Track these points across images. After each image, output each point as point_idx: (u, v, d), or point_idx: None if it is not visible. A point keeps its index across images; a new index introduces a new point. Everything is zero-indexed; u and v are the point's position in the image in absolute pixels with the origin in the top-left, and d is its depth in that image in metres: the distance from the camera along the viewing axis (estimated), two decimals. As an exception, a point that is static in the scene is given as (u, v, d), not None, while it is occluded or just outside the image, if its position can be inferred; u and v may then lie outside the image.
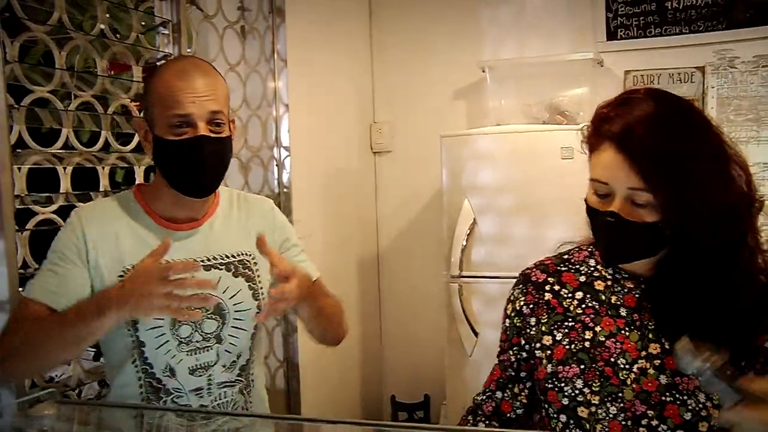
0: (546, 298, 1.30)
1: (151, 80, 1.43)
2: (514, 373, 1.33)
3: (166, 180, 1.44)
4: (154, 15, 2.28)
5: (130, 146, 2.20)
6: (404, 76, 3.48)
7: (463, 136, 2.94)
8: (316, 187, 3.04)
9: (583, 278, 1.29)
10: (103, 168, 2.09)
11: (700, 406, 1.12)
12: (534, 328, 1.29)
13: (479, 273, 2.85)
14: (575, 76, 3.00)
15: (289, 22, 2.76)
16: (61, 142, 1.95)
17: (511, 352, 1.33)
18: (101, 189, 2.09)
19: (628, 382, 1.17)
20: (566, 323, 1.26)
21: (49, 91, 1.91)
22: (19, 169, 1.82)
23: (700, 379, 1.02)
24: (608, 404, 1.17)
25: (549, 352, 1.25)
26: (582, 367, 1.20)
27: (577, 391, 1.20)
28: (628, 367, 1.18)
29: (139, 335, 1.39)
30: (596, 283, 1.27)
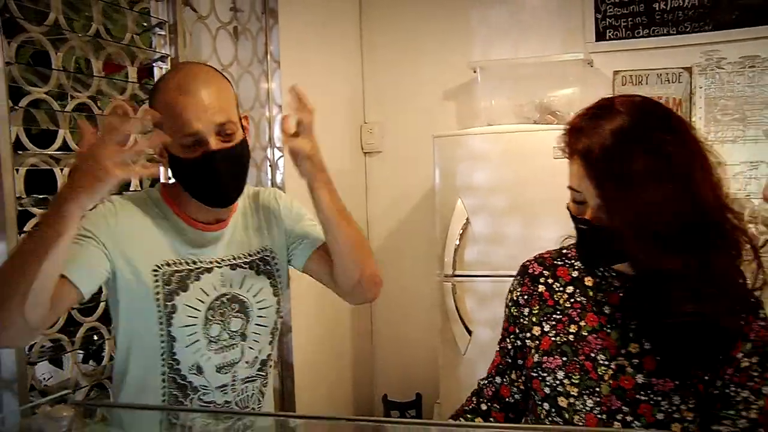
0: (539, 290, 1.35)
1: (155, 97, 1.40)
2: (511, 360, 1.38)
3: (188, 193, 1.43)
4: (150, 16, 2.27)
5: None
6: (394, 76, 3.49)
7: (456, 137, 2.96)
8: (309, 188, 3.04)
9: (576, 273, 1.33)
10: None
11: (674, 408, 1.15)
12: (527, 318, 1.34)
13: (473, 272, 2.87)
14: (565, 77, 3.03)
15: (282, 24, 2.76)
16: (58, 143, 1.94)
17: (509, 340, 1.39)
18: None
19: (606, 377, 1.20)
20: (555, 316, 1.30)
21: (45, 93, 1.90)
22: (17, 170, 1.80)
23: None
24: (585, 397, 1.21)
25: (537, 342, 1.30)
26: (564, 359, 1.25)
27: (558, 382, 1.24)
28: (606, 363, 1.21)
29: (172, 331, 1.39)
30: (586, 279, 1.31)
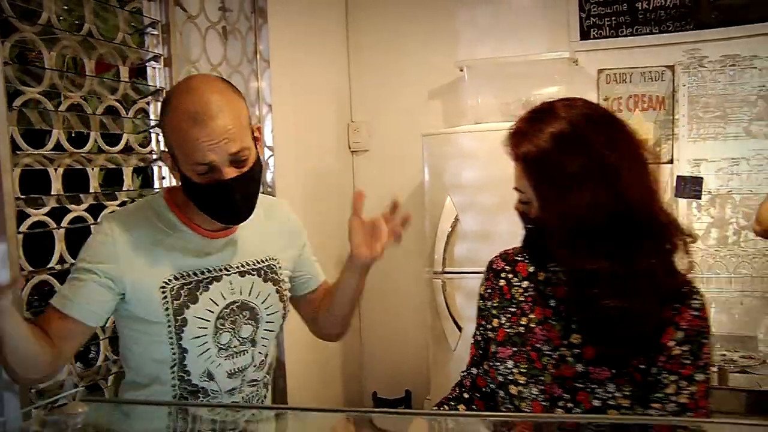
0: (500, 285, 1.42)
1: (166, 119, 1.37)
2: (482, 352, 1.45)
3: (202, 212, 1.41)
4: (143, 15, 2.27)
5: (118, 147, 2.19)
6: (381, 76, 3.50)
7: (444, 135, 2.99)
8: (299, 187, 3.05)
9: (532, 269, 1.40)
10: (93, 169, 2.08)
11: (609, 395, 1.22)
12: (489, 311, 1.42)
13: (462, 269, 2.89)
14: (551, 75, 3.05)
15: (272, 23, 2.76)
16: (52, 143, 1.94)
17: (479, 333, 1.46)
18: (91, 190, 2.08)
19: (549, 367, 1.28)
20: (510, 309, 1.38)
21: (38, 93, 1.90)
22: (12, 171, 1.79)
23: None
24: (532, 385, 1.29)
25: (495, 333, 1.39)
26: (514, 350, 1.33)
27: (508, 371, 1.33)
28: (550, 353, 1.29)
29: (183, 344, 1.41)
30: (540, 274, 1.38)
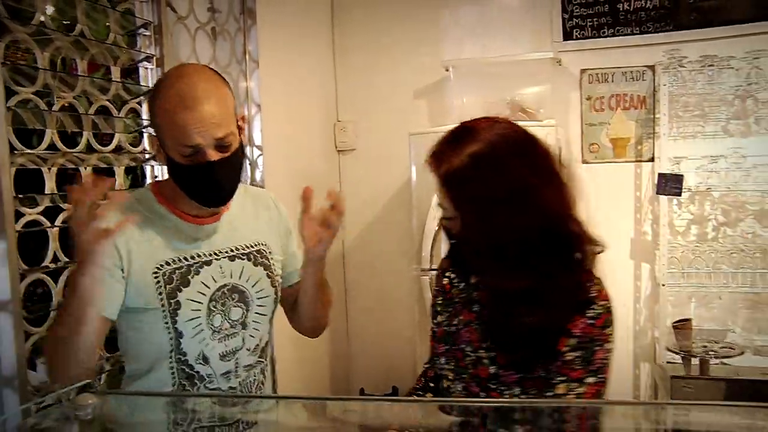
0: (443, 283, 1.50)
1: (156, 102, 1.43)
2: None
3: (184, 193, 1.47)
4: (135, 16, 2.28)
5: (110, 146, 2.21)
6: (367, 77, 3.54)
7: (431, 134, 3.00)
8: (288, 186, 3.08)
9: None
10: (85, 168, 2.10)
11: (515, 397, 1.31)
12: (435, 308, 1.51)
13: (449, 266, 2.93)
14: (535, 75, 3.11)
15: (260, 24, 2.79)
16: (46, 143, 1.95)
17: (432, 328, 1.53)
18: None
19: (469, 367, 1.38)
20: (448, 308, 1.46)
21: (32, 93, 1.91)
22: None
23: None
24: (457, 382, 1.40)
25: (436, 330, 1.47)
26: (446, 348, 1.44)
27: (441, 366, 1.44)
28: (471, 353, 1.38)
29: (178, 327, 1.44)
30: (472, 277, 1.44)
